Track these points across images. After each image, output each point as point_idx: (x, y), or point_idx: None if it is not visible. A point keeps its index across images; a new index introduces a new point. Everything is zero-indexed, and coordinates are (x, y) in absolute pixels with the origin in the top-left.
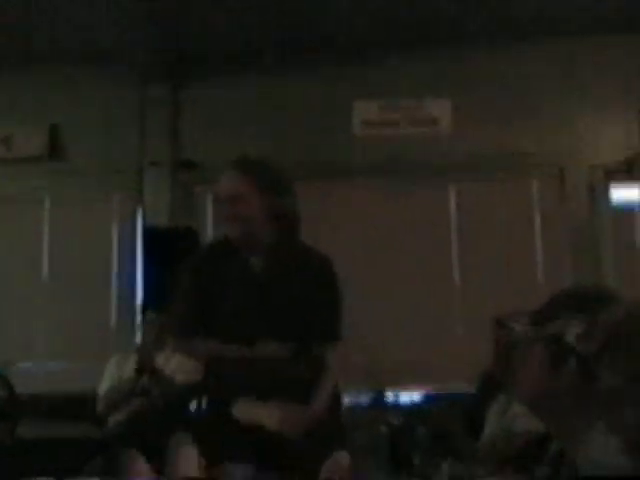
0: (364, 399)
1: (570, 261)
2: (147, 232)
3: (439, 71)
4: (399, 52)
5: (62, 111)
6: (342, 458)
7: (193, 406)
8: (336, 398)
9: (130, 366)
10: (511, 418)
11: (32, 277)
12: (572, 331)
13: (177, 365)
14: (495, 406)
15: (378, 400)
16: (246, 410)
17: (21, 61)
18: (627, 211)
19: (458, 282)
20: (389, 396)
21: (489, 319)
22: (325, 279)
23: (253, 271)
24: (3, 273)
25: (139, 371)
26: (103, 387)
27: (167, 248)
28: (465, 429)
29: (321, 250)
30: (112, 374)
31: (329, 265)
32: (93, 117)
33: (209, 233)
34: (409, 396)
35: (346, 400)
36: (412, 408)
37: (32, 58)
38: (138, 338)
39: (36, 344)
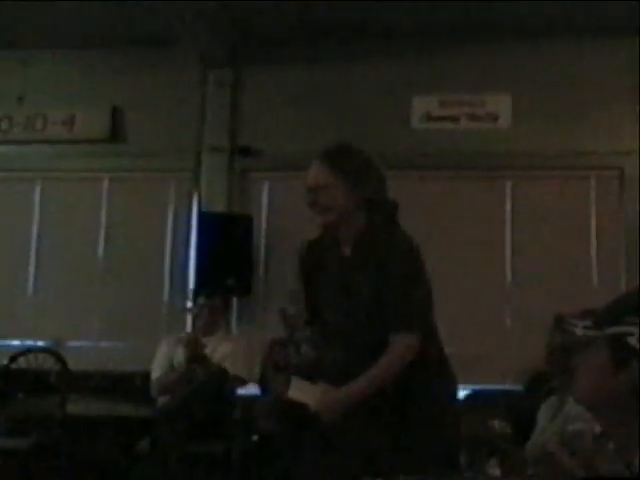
0: None
1: (625, 262)
2: (202, 216)
3: (500, 66)
4: (461, 46)
5: (124, 94)
6: None
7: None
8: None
9: (180, 351)
10: (564, 419)
11: (88, 256)
12: (636, 334)
13: (225, 352)
14: (546, 407)
15: None
16: (296, 389)
17: (84, 44)
18: None
19: (510, 278)
20: None
21: (541, 317)
22: (406, 268)
23: (342, 260)
24: (61, 251)
25: (190, 359)
26: (155, 372)
27: (222, 233)
28: (512, 428)
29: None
30: (163, 358)
31: (413, 254)
32: (154, 100)
33: (264, 219)
34: None
35: None
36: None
37: (94, 41)
38: (189, 321)
39: (88, 322)
